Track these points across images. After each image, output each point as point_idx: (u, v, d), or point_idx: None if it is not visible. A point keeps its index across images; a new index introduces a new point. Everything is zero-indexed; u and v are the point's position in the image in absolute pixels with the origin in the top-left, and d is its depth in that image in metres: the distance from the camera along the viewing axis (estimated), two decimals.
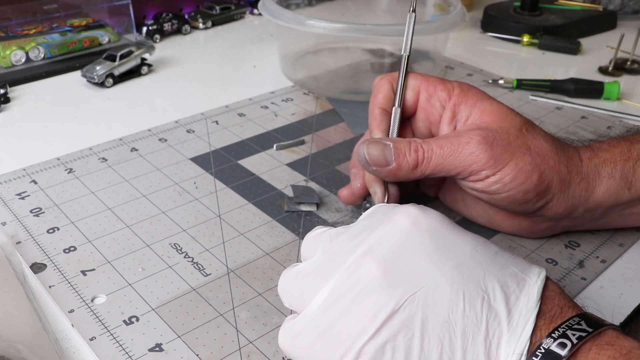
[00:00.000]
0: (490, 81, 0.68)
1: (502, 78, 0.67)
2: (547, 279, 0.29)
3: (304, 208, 0.45)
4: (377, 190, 0.41)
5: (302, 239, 0.42)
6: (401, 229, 0.29)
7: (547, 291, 0.28)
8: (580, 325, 0.27)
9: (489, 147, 0.37)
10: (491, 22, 0.85)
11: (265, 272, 0.39)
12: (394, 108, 0.41)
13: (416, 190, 0.47)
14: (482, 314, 0.27)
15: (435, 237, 0.29)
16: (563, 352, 0.26)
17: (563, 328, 0.27)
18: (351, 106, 0.62)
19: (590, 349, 0.26)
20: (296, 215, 0.45)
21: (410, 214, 0.30)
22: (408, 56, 0.42)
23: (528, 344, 0.26)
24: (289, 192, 0.47)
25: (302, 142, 0.55)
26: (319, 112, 0.61)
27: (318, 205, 0.46)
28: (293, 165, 0.51)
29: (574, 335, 0.26)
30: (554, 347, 0.26)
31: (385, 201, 0.40)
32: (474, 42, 0.83)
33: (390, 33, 0.59)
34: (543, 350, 0.26)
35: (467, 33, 0.86)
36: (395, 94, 0.41)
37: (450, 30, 0.60)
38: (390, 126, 0.41)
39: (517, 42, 0.81)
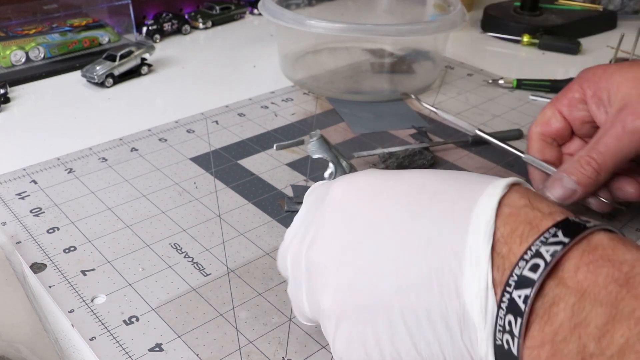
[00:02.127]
0: (490, 81, 0.68)
1: (502, 78, 0.67)
2: (513, 188, 0.26)
3: None
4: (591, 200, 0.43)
5: None
6: (332, 207, 0.29)
7: (506, 208, 0.25)
8: (557, 236, 0.23)
9: None
10: (491, 22, 0.85)
11: (265, 272, 0.39)
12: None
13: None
14: (427, 263, 0.25)
15: (365, 205, 0.28)
16: (536, 276, 0.22)
17: (536, 245, 0.23)
18: (351, 106, 0.62)
19: (579, 268, 0.22)
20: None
21: (340, 187, 0.29)
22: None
23: (489, 281, 0.23)
24: (289, 192, 0.47)
25: (302, 142, 0.55)
26: (319, 112, 0.61)
27: None
28: (293, 165, 0.51)
29: (536, 269, 0.23)
30: (527, 272, 0.23)
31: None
32: (474, 42, 0.83)
33: (390, 33, 0.59)
34: (517, 278, 0.23)
35: (467, 33, 0.86)
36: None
37: (450, 30, 0.60)
38: (550, 156, 0.45)
39: (517, 42, 0.81)
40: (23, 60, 0.67)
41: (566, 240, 0.23)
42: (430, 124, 0.59)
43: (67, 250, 0.40)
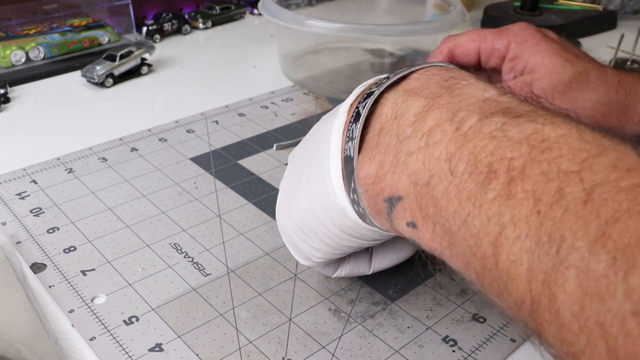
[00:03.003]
0: None
1: None
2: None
3: None
4: None
5: None
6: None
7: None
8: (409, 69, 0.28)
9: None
10: (491, 22, 0.85)
11: (265, 272, 0.39)
12: None
13: None
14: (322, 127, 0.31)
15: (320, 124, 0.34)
16: (376, 89, 0.28)
17: (388, 78, 0.28)
18: None
19: (413, 78, 0.27)
20: None
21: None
22: None
23: (347, 106, 0.29)
24: None
25: None
26: (319, 112, 0.61)
27: None
28: None
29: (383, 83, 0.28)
30: (374, 88, 0.28)
31: None
32: None
33: (390, 33, 0.59)
34: (365, 97, 0.28)
35: None
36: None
37: (450, 30, 0.60)
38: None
39: None
40: (23, 60, 0.67)
41: (416, 66, 0.28)
42: None
43: (67, 250, 0.40)
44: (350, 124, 0.28)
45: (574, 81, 0.40)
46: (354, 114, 0.28)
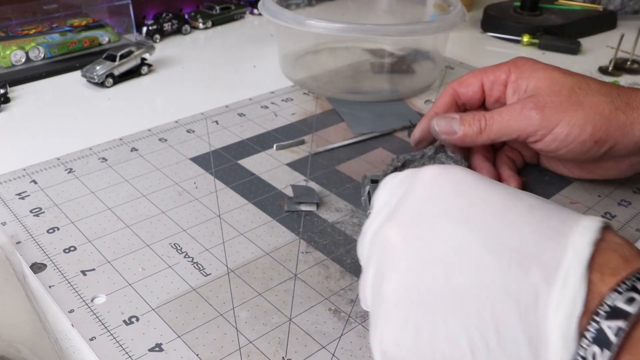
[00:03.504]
0: None
1: None
2: (606, 229, 0.25)
3: (304, 208, 0.45)
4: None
5: (302, 238, 0.42)
6: (421, 190, 0.27)
7: (603, 242, 0.24)
8: None
9: (540, 110, 0.41)
10: (491, 22, 0.85)
11: (265, 272, 0.39)
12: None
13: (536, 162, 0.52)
14: (510, 275, 0.23)
15: (458, 195, 0.26)
16: (632, 309, 0.21)
17: (632, 280, 0.22)
18: (351, 106, 0.62)
19: None
20: (296, 215, 0.45)
21: (431, 172, 0.28)
22: None
23: (582, 304, 0.22)
24: (289, 192, 0.47)
25: (302, 142, 0.55)
26: (319, 112, 0.61)
27: (318, 205, 0.46)
28: (293, 165, 0.51)
29: None
30: (621, 304, 0.21)
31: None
32: (474, 42, 0.83)
33: (390, 33, 0.59)
34: (608, 309, 0.22)
35: (467, 33, 0.86)
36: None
37: (450, 30, 0.60)
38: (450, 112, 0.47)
39: (517, 42, 0.81)
40: (23, 60, 0.67)
41: None
42: None
43: (67, 250, 0.40)
44: (587, 343, 0.22)
45: (576, 86, 0.41)
46: (594, 331, 0.22)
